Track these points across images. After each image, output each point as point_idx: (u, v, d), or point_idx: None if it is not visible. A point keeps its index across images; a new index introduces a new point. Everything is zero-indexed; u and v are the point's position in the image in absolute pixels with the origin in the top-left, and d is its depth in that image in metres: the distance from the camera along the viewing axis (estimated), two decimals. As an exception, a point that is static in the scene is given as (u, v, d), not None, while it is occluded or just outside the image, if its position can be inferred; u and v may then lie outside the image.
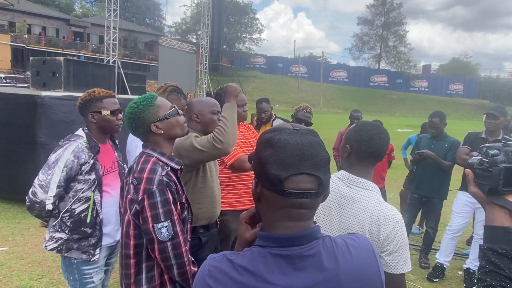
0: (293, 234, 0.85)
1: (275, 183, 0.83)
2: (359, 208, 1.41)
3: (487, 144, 1.01)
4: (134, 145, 2.44)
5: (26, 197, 2.06)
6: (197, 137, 2.14)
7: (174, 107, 1.75)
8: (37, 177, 2.06)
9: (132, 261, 1.62)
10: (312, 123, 3.73)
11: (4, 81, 16.30)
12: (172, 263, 1.57)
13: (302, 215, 0.86)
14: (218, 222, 2.40)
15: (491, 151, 0.97)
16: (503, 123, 3.66)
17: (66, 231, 2.09)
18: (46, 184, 2.01)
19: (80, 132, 2.18)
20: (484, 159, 0.99)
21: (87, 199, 2.11)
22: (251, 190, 0.93)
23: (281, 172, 0.82)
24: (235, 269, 0.85)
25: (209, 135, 2.08)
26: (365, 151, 1.48)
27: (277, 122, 4.47)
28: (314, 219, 1.46)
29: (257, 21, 53.47)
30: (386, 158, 4.55)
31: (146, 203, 1.53)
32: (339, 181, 1.49)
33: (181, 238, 1.59)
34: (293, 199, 0.83)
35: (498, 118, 3.60)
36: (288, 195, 0.83)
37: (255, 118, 4.88)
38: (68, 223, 2.08)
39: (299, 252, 0.84)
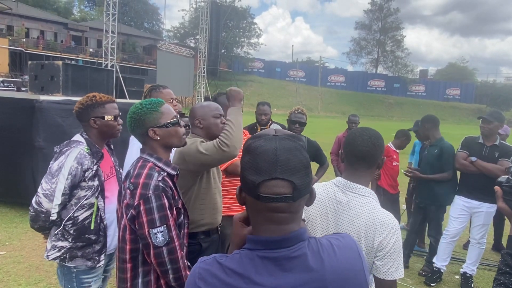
0: (279, 237, 0.88)
1: (251, 188, 0.87)
2: (354, 214, 1.41)
3: None
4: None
5: (30, 208, 2.01)
6: (203, 142, 2.13)
7: (177, 117, 1.76)
8: (40, 186, 2.00)
9: (128, 265, 1.62)
10: (305, 123, 3.77)
11: (2, 85, 16.27)
12: (168, 268, 1.58)
13: (282, 219, 0.88)
14: (219, 228, 2.40)
15: None
16: (497, 128, 3.68)
17: (70, 239, 2.04)
18: (51, 193, 1.97)
19: (78, 137, 2.13)
20: (510, 178, 1.11)
21: (91, 205, 2.08)
22: None
23: (255, 177, 0.86)
24: (224, 272, 0.88)
25: (215, 140, 2.07)
26: (351, 154, 1.50)
27: (273, 127, 4.48)
28: (306, 222, 1.48)
29: (255, 26, 53.83)
30: (390, 164, 4.52)
31: (142, 208, 1.54)
32: (335, 187, 1.50)
33: (176, 243, 1.59)
34: (269, 203, 0.86)
35: (491, 123, 3.63)
36: (263, 199, 0.85)
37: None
38: (71, 231, 2.04)
39: (286, 254, 0.87)
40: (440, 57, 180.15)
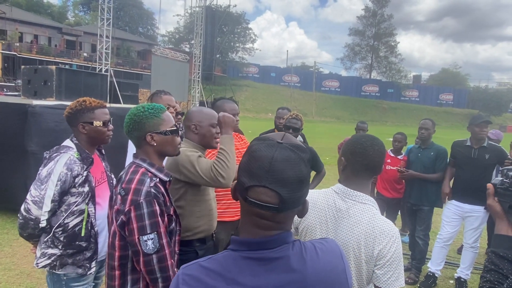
0: (263, 238, 0.89)
1: (241, 189, 0.90)
2: (354, 222, 1.39)
3: (509, 167, 1.18)
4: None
5: (19, 215, 1.97)
6: (200, 157, 2.09)
7: (176, 126, 1.74)
8: (29, 193, 1.96)
9: (117, 272, 1.58)
10: (300, 129, 3.71)
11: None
12: (158, 276, 1.54)
13: (266, 225, 0.89)
14: (214, 235, 2.37)
15: (511, 173, 1.15)
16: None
17: (60, 247, 2.00)
18: (40, 200, 1.92)
19: (68, 143, 2.09)
20: (505, 180, 1.16)
21: (81, 212, 2.04)
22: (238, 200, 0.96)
23: (246, 180, 0.88)
24: (207, 275, 0.88)
25: (212, 166, 2.01)
26: (359, 164, 1.46)
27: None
28: (306, 229, 1.47)
29: (250, 31, 54.03)
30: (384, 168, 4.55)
31: (132, 214, 1.50)
32: (335, 194, 1.48)
33: (167, 251, 1.56)
34: (253, 208, 0.87)
35: (488, 126, 3.73)
36: (249, 203, 0.87)
37: None
38: (61, 238, 2.00)
39: (268, 255, 0.88)
40: (433, 62, 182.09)
